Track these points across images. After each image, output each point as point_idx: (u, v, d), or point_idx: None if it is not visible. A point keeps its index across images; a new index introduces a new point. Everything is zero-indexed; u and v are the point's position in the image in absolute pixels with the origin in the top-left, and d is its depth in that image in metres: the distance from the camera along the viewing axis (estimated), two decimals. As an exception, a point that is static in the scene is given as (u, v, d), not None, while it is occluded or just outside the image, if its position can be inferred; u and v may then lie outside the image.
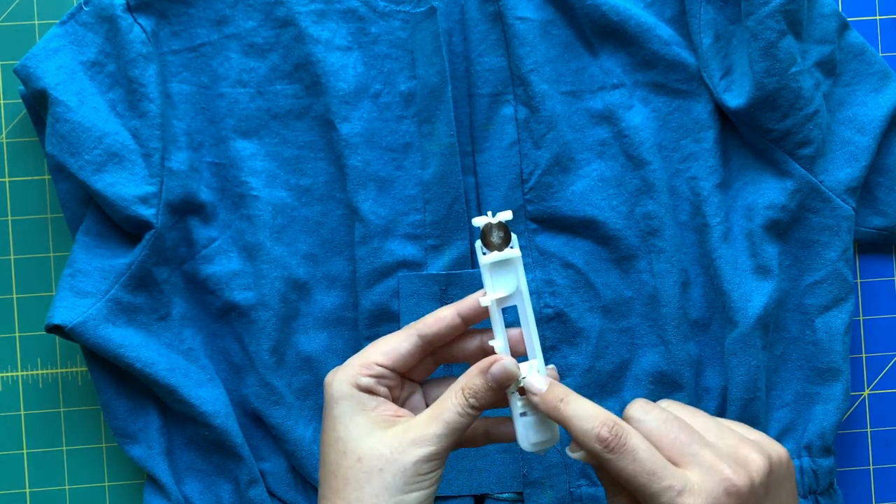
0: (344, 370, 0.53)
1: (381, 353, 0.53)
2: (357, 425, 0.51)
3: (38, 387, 0.72)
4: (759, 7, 0.64)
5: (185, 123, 0.68)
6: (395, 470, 0.50)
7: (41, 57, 0.66)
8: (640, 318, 0.68)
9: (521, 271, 0.53)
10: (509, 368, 0.51)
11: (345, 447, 0.51)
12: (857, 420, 0.73)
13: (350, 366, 0.53)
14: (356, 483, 0.50)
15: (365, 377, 0.52)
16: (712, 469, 0.48)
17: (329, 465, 0.52)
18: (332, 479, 0.51)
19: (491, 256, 0.52)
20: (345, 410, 0.52)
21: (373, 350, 0.53)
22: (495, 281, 0.53)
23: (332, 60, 0.68)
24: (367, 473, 0.50)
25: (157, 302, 0.67)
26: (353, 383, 0.52)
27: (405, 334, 0.53)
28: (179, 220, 0.67)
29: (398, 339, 0.53)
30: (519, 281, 0.53)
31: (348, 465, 0.51)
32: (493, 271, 0.53)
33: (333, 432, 0.52)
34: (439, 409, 0.52)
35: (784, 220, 0.68)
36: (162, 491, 0.67)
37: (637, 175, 0.68)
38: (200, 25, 0.69)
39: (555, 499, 0.67)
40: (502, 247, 0.52)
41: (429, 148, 0.68)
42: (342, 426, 0.52)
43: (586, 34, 0.69)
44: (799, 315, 0.69)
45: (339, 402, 0.52)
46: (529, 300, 0.53)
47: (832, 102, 0.70)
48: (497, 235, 0.52)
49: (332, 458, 0.52)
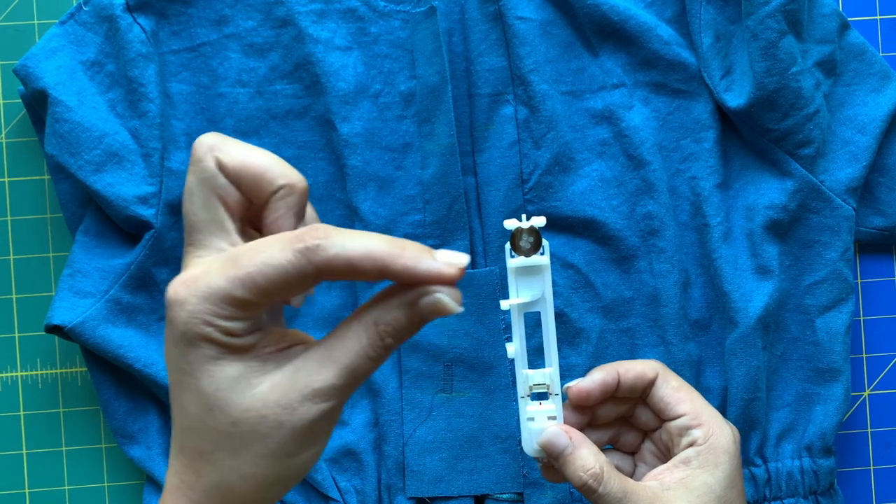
0: (200, 300, 0.38)
1: (257, 292, 0.38)
2: (226, 376, 0.39)
3: (37, 387, 0.71)
4: (760, 7, 0.64)
5: (184, 123, 0.68)
6: (283, 435, 0.39)
7: (40, 57, 0.66)
8: (640, 319, 0.68)
9: (549, 279, 0.52)
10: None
11: (210, 403, 0.39)
12: (857, 420, 0.73)
13: (210, 296, 0.38)
14: (231, 450, 0.39)
15: (234, 322, 0.38)
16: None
17: (187, 418, 0.40)
18: (193, 437, 0.40)
19: (518, 261, 0.51)
20: (206, 356, 0.39)
21: (245, 281, 0.38)
22: (520, 286, 0.52)
23: (331, 60, 0.68)
24: (244, 440, 0.39)
25: (157, 302, 0.67)
26: (215, 326, 0.38)
27: (298, 274, 0.38)
28: (179, 220, 0.67)
29: (284, 276, 0.38)
30: (544, 289, 0.52)
31: (218, 427, 0.39)
32: (519, 276, 0.52)
33: (191, 378, 0.39)
34: (340, 350, 0.39)
35: (784, 220, 0.68)
36: (161, 491, 0.67)
37: (637, 175, 0.68)
38: (200, 25, 0.69)
39: (555, 499, 0.67)
40: (530, 253, 0.51)
41: (429, 148, 0.68)
42: (205, 375, 0.39)
43: (586, 34, 0.69)
44: (799, 315, 0.69)
45: (197, 345, 0.39)
46: (553, 309, 0.52)
47: (832, 102, 0.69)
48: (526, 240, 0.51)
49: (192, 410, 0.39)
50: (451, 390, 0.68)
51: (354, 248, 0.37)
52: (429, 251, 0.39)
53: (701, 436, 0.53)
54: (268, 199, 0.40)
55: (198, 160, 0.40)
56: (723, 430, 0.53)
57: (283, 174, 0.40)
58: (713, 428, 0.53)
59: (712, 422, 0.53)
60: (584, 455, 0.52)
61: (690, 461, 0.52)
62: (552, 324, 0.52)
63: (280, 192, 0.40)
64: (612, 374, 0.54)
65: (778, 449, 0.68)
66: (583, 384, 0.54)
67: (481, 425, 0.68)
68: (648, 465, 0.57)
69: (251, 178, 0.40)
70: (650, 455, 0.56)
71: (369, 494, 0.67)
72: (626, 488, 0.51)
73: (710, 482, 0.52)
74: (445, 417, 0.67)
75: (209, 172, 0.40)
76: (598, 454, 0.52)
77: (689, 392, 0.55)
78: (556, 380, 0.53)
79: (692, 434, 0.53)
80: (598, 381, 0.54)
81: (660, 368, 0.55)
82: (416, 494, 0.67)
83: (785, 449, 0.68)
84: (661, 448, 0.56)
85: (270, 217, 0.41)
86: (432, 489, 0.67)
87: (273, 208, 0.40)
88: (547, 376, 0.52)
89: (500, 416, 0.67)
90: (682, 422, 0.53)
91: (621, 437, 0.57)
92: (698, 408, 0.54)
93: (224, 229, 0.40)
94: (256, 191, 0.40)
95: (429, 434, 0.67)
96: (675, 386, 0.54)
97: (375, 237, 0.38)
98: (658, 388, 0.54)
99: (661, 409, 0.54)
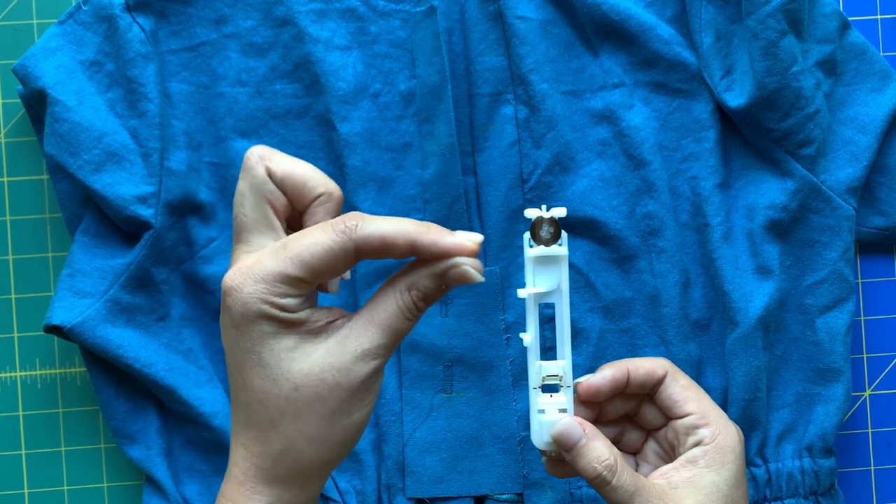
0: (257, 282, 0.44)
1: (308, 270, 0.44)
2: (285, 347, 0.44)
3: (36, 387, 0.71)
4: (760, 6, 0.64)
5: (184, 123, 0.68)
6: (341, 395, 0.44)
7: (39, 56, 0.66)
8: (640, 319, 0.68)
9: (566, 270, 0.52)
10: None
11: (273, 373, 0.44)
12: (858, 421, 0.73)
13: (266, 278, 0.44)
14: (294, 415, 0.44)
15: (289, 298, 0.44)
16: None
17: (252, 391, 0.45)
18: (259, 409, 0.45)
19: (537, 250, 0.52)
20: (265, 332, 0.44)
21: (297, 261, 0.44)
22: (537, 276, 0.52)
23: (331, 60, 0.68)
24: (307, 403, 0.44)
25: (156, 302, 0.67)
26: (272, 304, 0.44)
27: (342, 251, 0.44)
28: (178, 219, 0.67)
29: (330, 255, 0.44)
30: (561, 280, 0.52)
31: (282, 393, 0.44)
32: (537, 266, 0.52)
33: (252, 355, 0.44)
34: (382, 313, 0.45)
35: (785, 219, 0.68)
36: (161, 492, 0.67)
37: (637, 175, 0.68)
38: (199, 25, 0.69)
39: (555, 500, 0.67)
40: (550, 243, 0.52)
41: (429, 148, 0.68)
42: (266, 349, 0.44)
43: (587, 33, 0.69)
44: (800, 315, 0.69)
45: (257, 322, 0.44)
46: (568, 301, 0.53)
47: (833, 102, 0.69)
48: (547, 230, 0.52)
49: (256, 383, 0.44)
50: (451, 390, 0.68)
51: (387, 227, 0.44)
52: (449, 231, 0.45)
53: (708, 435, 0.53)
54: (309, 204, 0.47)
55: (249, 168, 0.47)
56: (729, 429, 0.54)
57: (322, 183, 0.47)
58: (720, 427, 0.53)
59: (719, 422, 0.54)
60: (598, 447, 0.52)
61: (697, 460, 0.53)
62: (567, 316, 0.53)
63: (320, 199, 0.47)
64: (622, 371, 0.54)
65: (778, 449, 0.68)
66: (593, 380, 0.54)
67: (481, 425, 0.68)
68: (651, 464, 0.57)
69: (295, 186, 0.47)
70: (653, 454, 0.57)
71: (369, 495, 0.67)
72: (638, 483, 0.52)
73: (717, 481, 0.52)
74: (445, 417, 0.67)
75: (260, 179, 0.46)
76: (612, 447, 0.52)
77: (696, 391, 0.55)
78: (568, 372, 0.53)
79: (699, 433, 0.53)
80: (609, 377, 0.54)
81: (669, 367, 0.55)
82: (416, 495, 0.67)
83: (785, 449, 0.68)
84: (664, 447, 0.56)
85: (310, 221, 0.47)
86: (432, 489, 0.67)
87: (313, 213, 0.47)
88: (560, 367, 0.53)
89: (500, 417, 0.67)
90: (690, 420, 0.54)
91: (625, 435, 0.57)
92: (706, 407, 0.54)
93: (272, 228, 0.46)
94: (300, 196, 0.47)
95: (429, 434, 0.67)
96: (684, 385, 0.55)
97: (403, 220, 0.44)
98: (667, 386, 0.54)
99: (668, 407, 0.54)
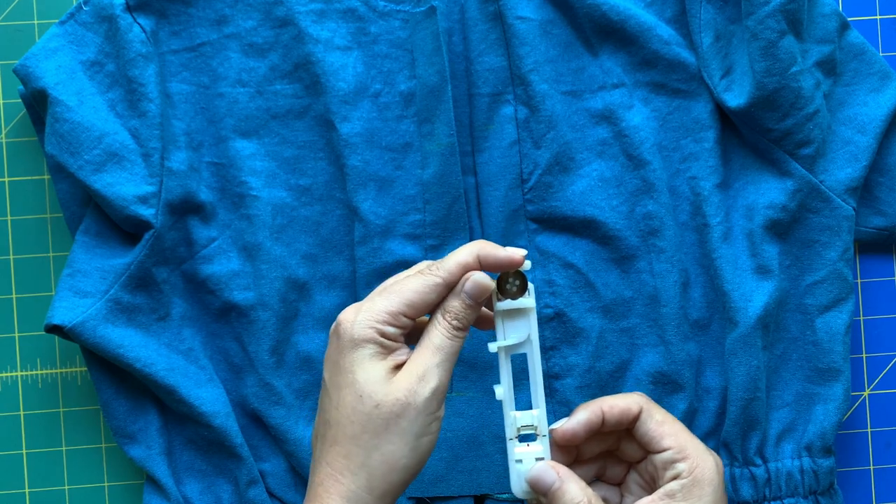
0: (367, 313, 0.52)
1: (407, 306, 0.52)
2: (376, 370, 0.51)
3: (37, 387, 0.71)
4: (760, 7, 0.64)
5: (184, 123, 0.68)
6: (412, 415, 0.50)
7: (40, 56, 0.66)
8: (640, 318, 0.68)
9: (534, 321, 0.53)
10: (481, 282, 0.52)
11: (361, 391, 0.50)
12: (857, 420, 0.73)
13: (374, 311, 0.52)
14: (374, 431, 0.50)
15: (391, 327, 0.51)
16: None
17: (343, 408, 0.51)
18: (346, 424, 0.51)
19: (505, 304, 0.52)
20: (365, 355, 0.51)
21: (398, 298, 0.52)
22: (507, 328, 0.53)
23: (331, 60, 0.68)
24: (385, 420, 0.50)
25: (157, 302, 0.67)
26: (377, 330, 0.51)
27: (432, 284, 0.52)
28: (179, 219, 0.67)
29: (424, 289, 0.52)
30: (531, 330, 0.53)
31: (365, 410, 0.50)
32: (506, 319, 0.53)
33: (349, 374, 0.51)
34: (428, 338, 0.52)
35: (784, 219, 0.68)
36: (161, 491, 0.67)
37: (637, 175, 0.68)
38: (200, 25, 0.69)
39: (555, 499, 0.67)
40: (517, 295, 0.52)
41: (428, 148, 0.68)
42: (361, 370, 0.51)
43: (586, 34, 0.69)
44: (799, 315, 0.69)
45: (361, 346, 0.51)
46: (539, 351, 0.53)
47: (832, 102, 0.69)
48: (512, 283, 0.52)
49: (346, 400, 0.51)
50: (450, 390, 0.68)
51: (459, 255, 0.52)
52: (503, 248, 0.53)
53: (685, 469, 0.53)
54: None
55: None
56: (706, 462, 0.54)
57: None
58: (697, 461, 0.53)
59: (696, 455, 0.54)
60: (571, 489, 0.52)
61: (675, 494, 0.53)
62: (538, 365, 0.53)
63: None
64: (596, 413, 0.55)
65: (778, 449, 0.68)
66: (568, 426, 0.55)
67: (481, 425, 0.68)
68: (634, 495, 0.57)
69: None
70: (636, 486, 0.57)
71: (369, 494, 0.67)
72: None
73: None
74: (445, 417, 0.67)
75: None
76: (585, 488, 0.53)
77: (672, 425, 0.55)
78: (543, 421, 0.53)
79: (677, 467, 0.53)
80: (584, 421, 0.55)
81: (643, 402, 0.55)
82: (416, 494, 0.67)
83: (785, 449, 0.68)
84: (646, 479, 0.56)
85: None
86: (432, 489, 0.67)
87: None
88: (535, 418, 0.53)
89: (500, 416, 0.67)
90: (667, 455, 0.54)
91: (607, 469, 0.58)
92: (682, 441, 0.54)
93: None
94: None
95: (429, 434, 0.67)
96: (660, 420, 0.55)
97: (465, 246, 0.53)
98: (643, 422, 0.55)
99: (646, 443, 0.55)
